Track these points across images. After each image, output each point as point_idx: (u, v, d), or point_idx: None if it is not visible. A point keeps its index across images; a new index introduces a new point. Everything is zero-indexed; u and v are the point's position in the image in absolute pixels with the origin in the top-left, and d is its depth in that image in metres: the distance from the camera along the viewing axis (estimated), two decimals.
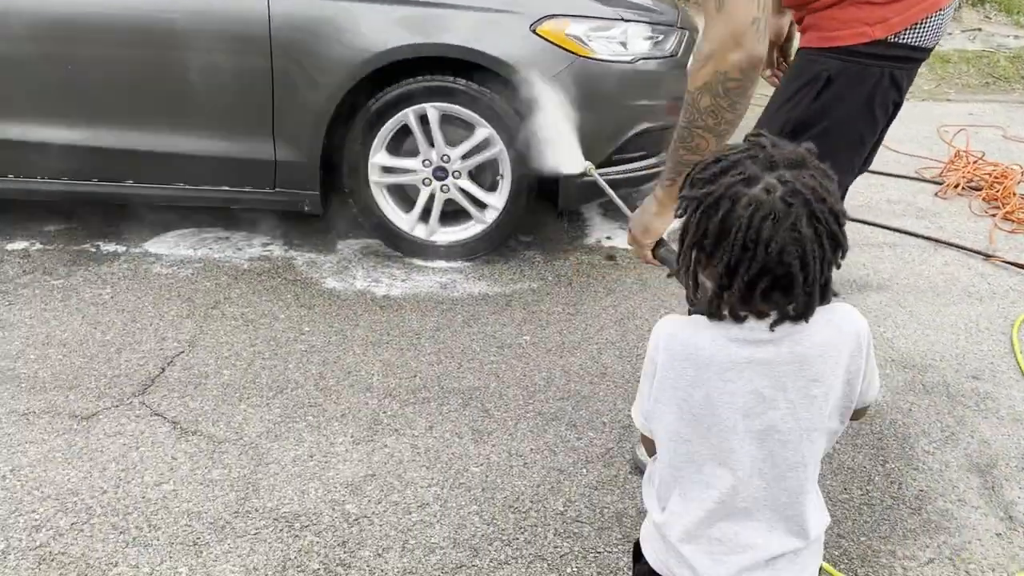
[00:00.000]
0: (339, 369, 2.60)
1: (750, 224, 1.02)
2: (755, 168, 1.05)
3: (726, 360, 1.11)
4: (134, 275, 3.13)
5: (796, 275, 1.03)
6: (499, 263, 3.31)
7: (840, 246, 1.06)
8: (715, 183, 1.06)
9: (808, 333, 1.10)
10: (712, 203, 1.05)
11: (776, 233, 1.01)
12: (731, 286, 1.06)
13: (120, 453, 2.20)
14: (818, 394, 1.12)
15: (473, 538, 1.96)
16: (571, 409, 2.43)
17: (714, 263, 1.06)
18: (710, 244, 1.06)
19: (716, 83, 1.49)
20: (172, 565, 1.86)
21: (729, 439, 1.14)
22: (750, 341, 1.10)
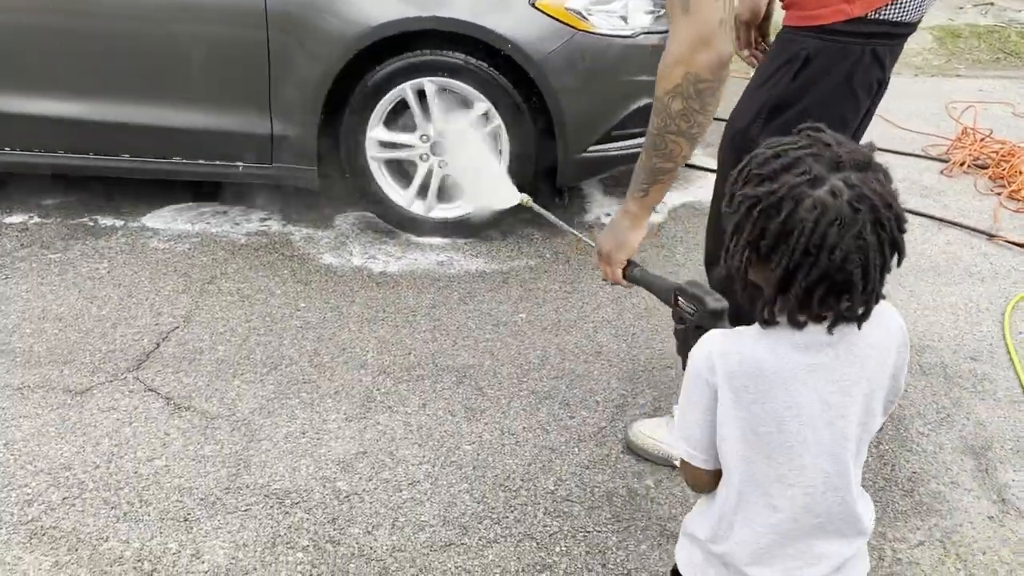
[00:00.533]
0: (334, 346, 2.59)
1: (815, 229, 0.96)
2: (820, 168, 0.99)
3: (790, 370, 1.05)
4: (131, 249, 3.13)
5: (856, 283, 0.98)
6: (497, 240, 3.29)
7: (900, 252, 1.02)
8: (776, 181, 1.00)
9: (862, 334, 1.06)
10: (774, 203, 0.99)
11: (841, 240, 0.96)
12: (788, 291, 1.01)
13: (113, 428, 2.21)
14: (875, 393, 1.10)
15: (463, 516, 1.97)
16: (565, 388, 2.43)
17: (771, 266, 1.01)
18: (767, 246, 1.00)
19: (687, 85, 1.46)
20: (162, 541, 1.87)
21: (801, 455, 1.08)
22: (810, 347, 1.05)
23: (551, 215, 1.97)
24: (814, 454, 1.08)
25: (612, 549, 1.89)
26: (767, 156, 1.04)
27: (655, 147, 1.54)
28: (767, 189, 1.00)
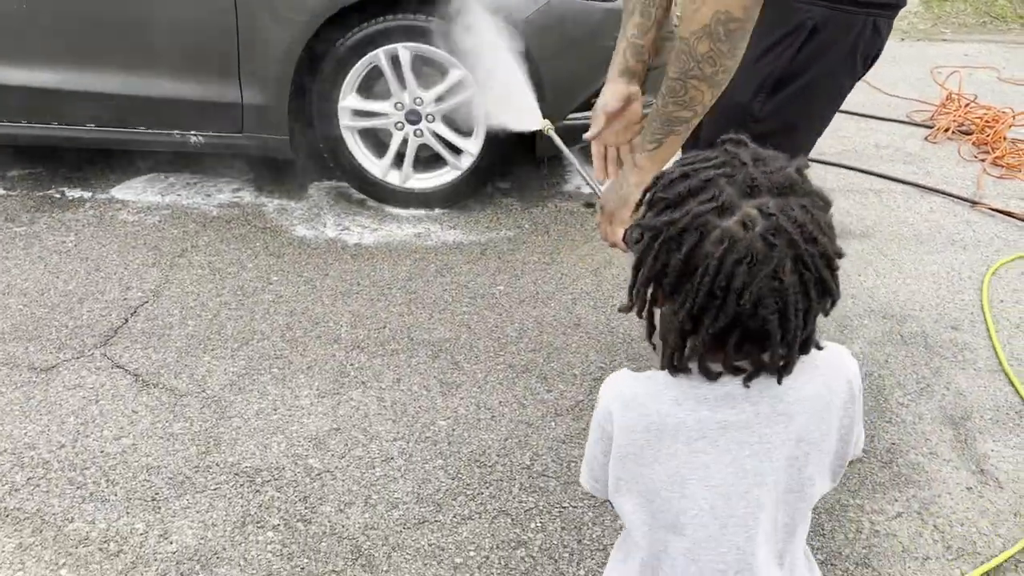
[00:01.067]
0: (307, 320, 2.54)
1: (720, 267, 0.82)
2: (731, 191, 0.84)
3: (696, 427, 0.91)
4: (99, 222, 3.05)
5: (774, 331, 0.84)
6: (475, 210, 3.23)
7: (829, 294, 0.87)
8: (680, 208, 0.86)
9: (792, 386, 0.91)
10: (675, 234, 0.85)
11: (752, 280, 0.82)
12: (695, 332, 0.87)
13: (79, 406, 2.16)
14: (809, 457, 0.93)
15: (437, 493, 1.93)
16: (542, 361, 2.39)
17: (675, 306, 0.88)
18: (670, 284, 0.87)
19: (716, 25, 1.33)
20: (129, 521, 1.83)
21: (706, 526, 0.93)
22: (724, 400, 0.91)
23: (569, 151, 1.87)
24: (723, 526, 0.93)
25: (588, 525, 1.86)
26: (674, 177, 0.89)
27: (673, 92, 1.40)
28: (668, 218, 0.86)
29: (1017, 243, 3.13)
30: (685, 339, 0.89)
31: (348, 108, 3.06)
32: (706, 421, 0.91)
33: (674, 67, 1.38)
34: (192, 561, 1.74)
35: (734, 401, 0.91)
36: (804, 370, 0.91)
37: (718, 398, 0.91)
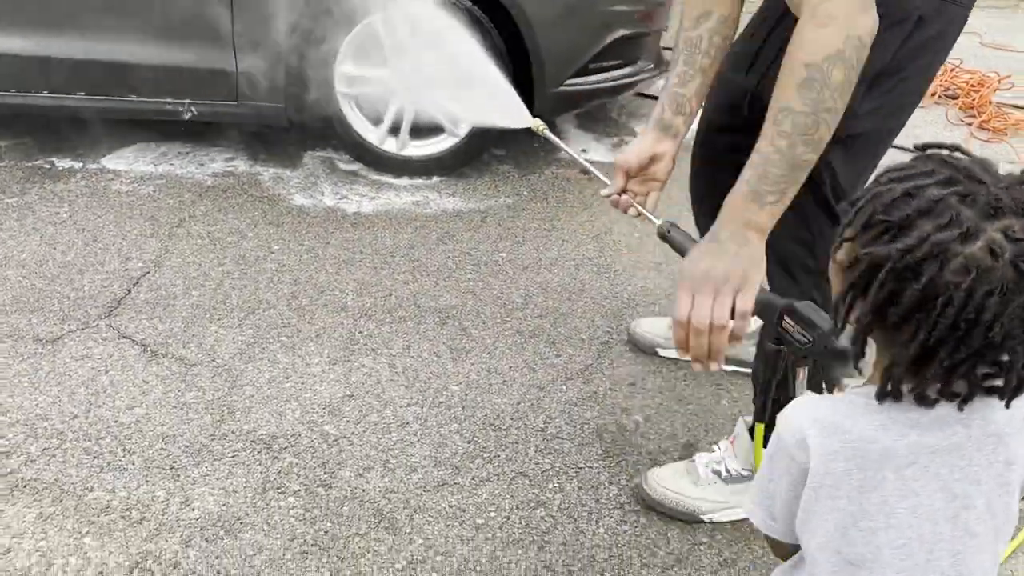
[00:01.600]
0: (312, 288, 2.54)
1: (968, 299, 0.75)
2: (972, 214, 0.75)
3: (906, 454, 0.84)
4: (92, 192, 3.01)
5: (1017, 360, 0.78)
6: (472, 178, 3.23)
7: None
8: (912, 232, 0.77)
9: (1000, 405, 0.84)
10: (912, 263, 0.77)
11: (1003, 312, 0.74)
12: (924, 368, 0.80)
13: (89, 377, 2.15)
14: (1015, 480, 0.87)
15: (454, 456, 1.96)
16: (549, 326, 2.41)
17: (902, 338, 0.80)
18: (899, 314, 0.79)
19: (851, 51, 1.16)
20: (149, 489, 1.83)
21: (913, 555, 0.87)
22: (934, 424, 0.84)
23: (565, 146, 1.77)
24: (930, 552, 0.87)
25: (604, 484, 1.90)
26: (895, 196, 0.80)
27: (803, 130, 1.19)
28: (903, 245, 0.77)
29: None
30: (913, 371, 0.81)
31: (344, 75, 3.03)
32: (916, 447, 0.85)
33: (801, 99, 1.19)
34: (216, 527, 1.75)
35: (945, 424, 0.85)
36: None
37: (930, 421, 0.85)
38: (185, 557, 1.68)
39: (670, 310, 2.15)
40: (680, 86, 1.53)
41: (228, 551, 1.70)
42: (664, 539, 1.76)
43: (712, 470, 1.81)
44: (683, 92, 1.52)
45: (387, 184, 3.16)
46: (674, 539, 1.76)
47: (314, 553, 1.70)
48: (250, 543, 1.72)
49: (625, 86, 3.26)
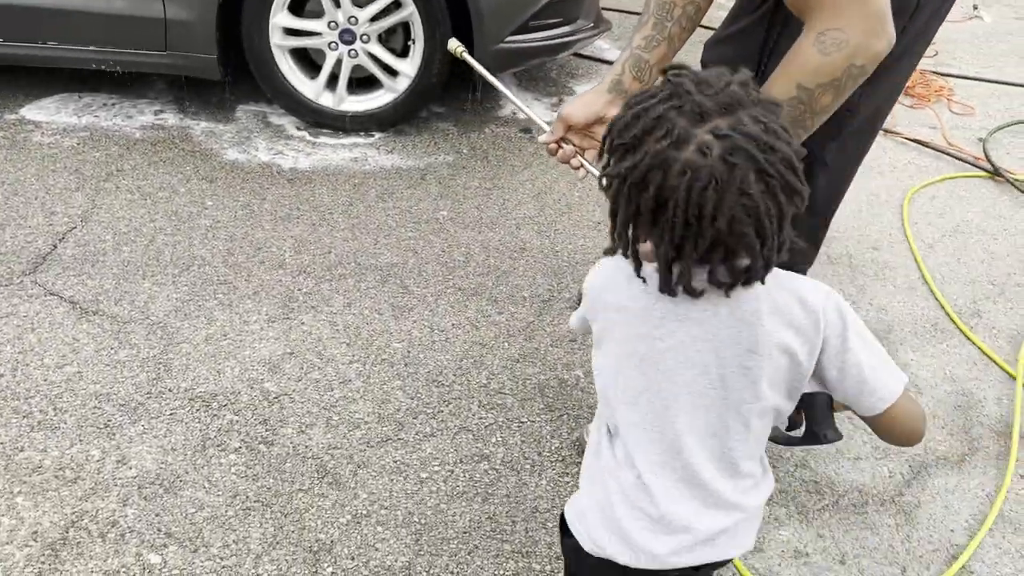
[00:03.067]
0: (248, 245, 2.48)
1: (689, 197, 0.84)
2: (683, 123, 0.86)
3: (659, 315, 0.98)
4: (12, 144, 2.87)
5: (753, 243, 0.87)
6: (412, 135, 3.19)
7: (797, 194, 0.88)
8: (639, 149, 0.88)
9: (754, 296, 0.95)
10: (639, 177, 0.87)
11: (722, 202, 0.84)
12: (680, 259, 0.90)
13: (15, 335, 2.07)
14: (759, 367, 0.97)
15: (398, 412, 1.96)
16: (491, 284, 2.42)
17: (655, 241, 0.90)
18: (646, 221, 0.89)
19: (847, 79, 1.18)
20: (83, 448, 1.79)
21: (652, 403, 1.01)
22: (688, 297, 0.95)
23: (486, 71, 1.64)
24: (667, 408, 1.00)
25: (547, 438, 1.93)
26: (627, 120, 0.90)
27: None
28: (631, 163, 0.88)
29: (928, 169, 3.31)
30: (671, 267, 0.91)
31: (279, 26, 2.94)
32: (669, 311, 0.97)
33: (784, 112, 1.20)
34: (155, 485, 1.72)
35: (696, 299, 0.95)
36: (773, 286, 0.95)
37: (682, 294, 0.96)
38: (123, 515, 1.65)
39: None
40: (645, 50, 1.47)
41: (168, 509, 1.67)
42: None
43: None
44: (647, 57, 1.47)
45: (324, 139, 3.10)
46: None
47: (257, 509, 1.69)
48: (191, 500, 1.70)
49: (565, 45, 3.25)
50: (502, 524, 1.71)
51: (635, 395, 1.02)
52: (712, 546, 1.04)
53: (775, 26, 1.54)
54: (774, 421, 1.04)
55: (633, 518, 1.04)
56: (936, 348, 2.33)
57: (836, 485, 1.88)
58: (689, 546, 1.03)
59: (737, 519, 1.05)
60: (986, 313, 2.49)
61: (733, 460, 1.02)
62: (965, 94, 4.05)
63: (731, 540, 1.05)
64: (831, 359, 0.98)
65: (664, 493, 1.02)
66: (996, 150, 3.48)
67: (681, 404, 1.00)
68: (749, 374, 0.97)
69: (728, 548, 1.05)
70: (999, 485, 1.91)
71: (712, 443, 1.01)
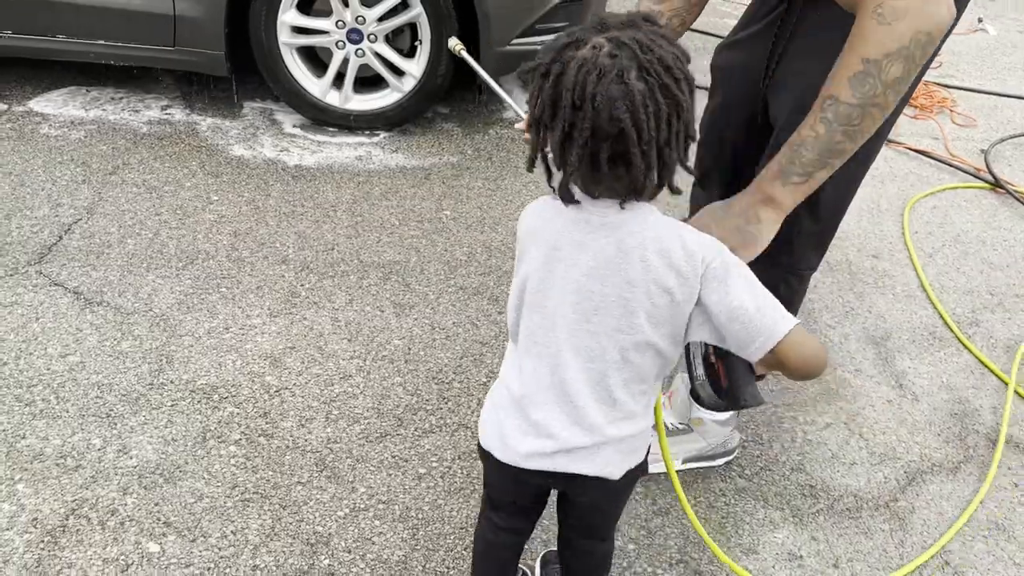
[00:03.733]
0: (252, 240, 2.50)
1: (576, 81, 0.96)
2: (587, 32, 1.00)
3: (553, 238, 1.09)
4: (19, 136, 2.89)
5: (629, 131, 0.96)
6: (416, 135, 3.21)
7: (679, 105, 0.98)
8: (551, 56, 1.01)
9: (636, 232, 1.05)
10: (545, 72, 1.00)
11: (601, 86, 0.95)
12: (572, 155, 1.00)
13: (19, 324, 2.08)
14: (637, 301, 1.07)
15: (397, 408, 1.97)
16: (493, 284, 2.43)
17: (555, 136, 1.01)
18: (548, 115, 1.00)
19: (915, 47, 1.14)
20: (84, 436, 1.80)
21: (542, 320, 1.12)
22: (580, 222, 1.06)
23: (481, 69, 1.75)
24: (553, 326, 1.11)
25: None
26: (553, 41, 1.04)
27: (847, 120, 1.19)
28: (544, 61, 1.01)
29: (929, 179, 3.33)
30: (567, 163, 1.01)
31: (287, 24, 2.96)
32: (562, 234, 1.08)
33: (852, 90, 1.18)
34: (155, 475, 1.74)
35: (589, 227, 1.06)
36: (659, 228, 1.06)
37: (577, 220, 1.07)
38: (123, 504, 1.66)
39: None
40: (657, 2, 1.51)
41: (167, 498, 1.69)
42: None
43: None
44: (658, 8, 1.50)
45: (329, 137, 3.12)
46: None
47: (255, 501, 1.71)
48: (190, 491, 1.71)
49: None
50: None
51: (532, 311, 1.13)
52: (569, 457, 1.16)
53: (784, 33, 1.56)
54: (659, 364, 1.13)
55: (513, 419, 1.18)
56: (934, 356, 2.34)
57: (831, 489, 1.89)
58: (550, 453, 1.15)
59: (597, 441, 1.15)
60: (984, 323, 2.51)
61: (608, 388, 1.12)
62: (968, 106, 4.07)
63: (590, 458, 1.16)
64: (716, 303, 1.06)
65: (542, 402, 1.14)
66: (997, 162, 3.50)
67: (566, 324, 1.11)
68: (627, 305, 1.07)
69: (585, 464, 1.16)
70: (989, 491, 1.92)
71: (590, 367, 1.12)
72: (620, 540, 1.71)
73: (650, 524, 1.75)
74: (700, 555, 1.70)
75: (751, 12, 1.70)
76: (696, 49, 1.65)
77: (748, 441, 1.99)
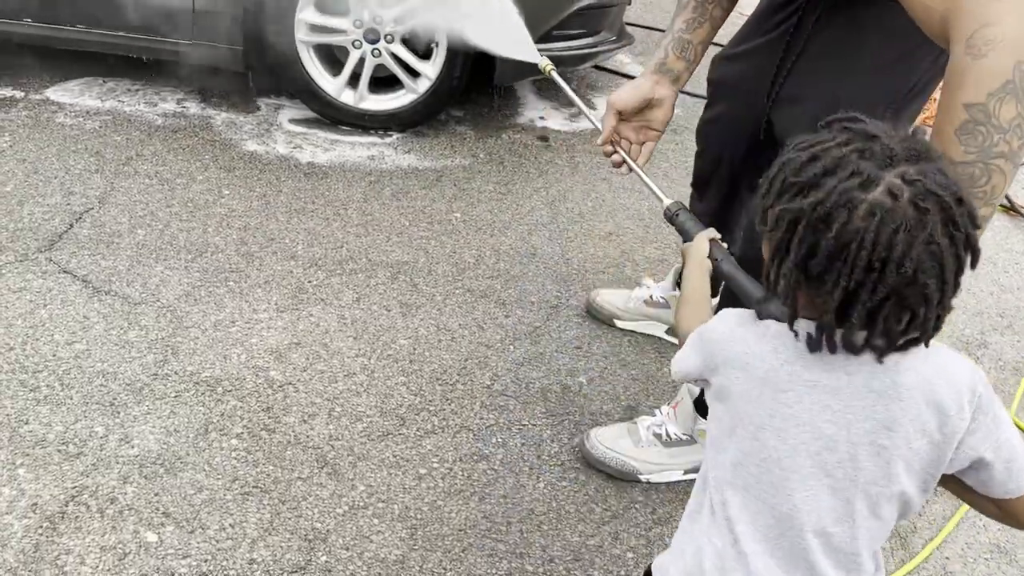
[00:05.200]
0: (261, 235, 2.50)
1: (877, 239, 0.80)
2: (870, 165, 0.82)
3: (787, 379, 0.91)
4: (35, 123, 2.90)
5: (932, 296, 0.82)
6: (429, 136, 3.21)
7: (975, 251, 0.84)
8: (821, 187, 0.83)
9: (895, 370, 0.88)
10: (823, 214, 0.82)
11: (911, 247, 0.80)
12: (849, 315, 0.84)
13: (27, 310, 2.09)
14: (894, 447, 0.89)
15: (400, 408, 1.97)
16: (500, 287, 2.43)
17: (825, 289, 0.84)
18: (819, 265, 0.84)
19: (1020, 79, 0.98)
20: (87, 424, 1.81)
21: (771, 472, 0.93)
22: (819, 361, 0.90)
23: (570, 90, 1.68)
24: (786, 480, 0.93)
25: (546, 442, 1.94)
26: (803, 161, 0.87)
27: (972, 182, 1.03)
28: (813, 199, 0.84)
29: None
30: (843, 317, 0.85)
31: (304, 22, 2.97)
32: (797, 376, 0.91)
33: (963, 146, 1.02)
34: (156, 464, 1.74)
35: (830, 365, 0.89)
36: (912, 361, 0.89)
37: (815, 357, 0.90)
38: (123, 493, 1.66)
39: None
40: (687, 32, 1.49)
41: (167, 489, 1.69)
42: (601, 496, 1.81)
43: (653, 433, 1.86)
44: (689, 39, 1.48)
45: (342, 136, 3.12)
46: (611, 496, 1.81)
47: (255, 495, 1.70)
48: (190, 482, 1.71)
49: (586, 56, 3.27)
50: (497, 524, 1.71)
51: (749, 461, 0.94)
52: None
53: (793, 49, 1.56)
54: (902, 513, 0.95)
55: None
56: None
57: None
58: None
59: None
60: (993, 344, 2.49)
61: (854, 551, 0.94)
62: None
63: None
64: (983, 440, 0.90)
65: (763, 566, 0.94)
66: (1012, 185, 3.48)
67: (801, 479, 0.91)
68: (883, 453, 0.89)
69: None
70: None
71: (834, 529, 0.92)
72: (618, 548, 1.70)
73: (649, 533, 1.74)
74: None
75: (752, 25, 1.69)
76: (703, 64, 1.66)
77: None
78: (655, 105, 1.53)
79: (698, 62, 1.57)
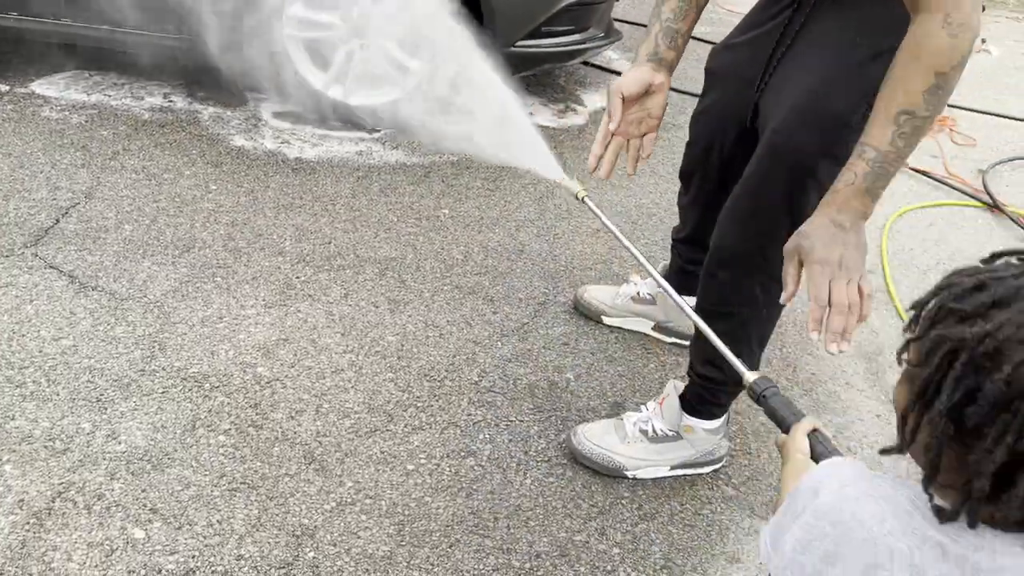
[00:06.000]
0: (249, 231, 2.50)
1: None
2: None
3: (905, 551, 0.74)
4: (20, 117, 2.88)
5: None
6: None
7: None
8: (989, 319, 0.69)
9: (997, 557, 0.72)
10: (991, 349, 0.68)
11: None
12: (1015, 484, 0.68)
13: (12, 306, 2.08)
14: None
15: (388, 404, 1.98)
16: (488, 284, 2.44)
17: (982, 445, 0.69)
18: (979, 413, 0.68)
19: (969, 56, 1.20)
20: (74, 420, 1.80)
21: None
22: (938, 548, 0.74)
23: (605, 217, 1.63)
24: None
25: (534, 438, 1.95)
26: (967, 287, 0.73)
27: (921, 133, 1.22)
28: (980, 330, 0.69)
29: (926, 197, 3.34)
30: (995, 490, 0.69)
31: (293, 16, 2.97)
32: (921, 567, 0.74)
33: (927, 104, 1.20)
34: (143, 461, 1.74)
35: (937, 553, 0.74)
36: None
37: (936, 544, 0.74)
38: (110, 489, 1.66)
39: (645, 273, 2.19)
40: (675, 21, 1.54)
41: (155, 485, 1.69)
42: (588, 492, 1.82)
43: (639, 429, 1.87)
44: (677, 27, 1.53)
45: (330, 131, 3.12)
46: (597, 492, 1.83)
47: (242, 491, 1.71)
48: (177, 478, 1.71)
49: (575, 52, 3.28)
50: (484, 520, 1.72)
51: None
52: None
53: (784, 41, 1.58)
54: None
55: None
56: None
57: None
58: None
59: None
60: None
61: None
62: (968, 126, 4.09)
63: None
64: None
65: None
66: (995, 183, 3.51)
67: None
68: None
69: None
70: None
71: None
72: (604, 544, 1.71)
73: (635, 529, 1.76)
74: (684, 561, 1.70)
75: (752, 18, 1.72)
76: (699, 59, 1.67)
77: (736, 450, 2.00)
78: (653, 92, 1.58)
79: (683, 49, 1.62)
